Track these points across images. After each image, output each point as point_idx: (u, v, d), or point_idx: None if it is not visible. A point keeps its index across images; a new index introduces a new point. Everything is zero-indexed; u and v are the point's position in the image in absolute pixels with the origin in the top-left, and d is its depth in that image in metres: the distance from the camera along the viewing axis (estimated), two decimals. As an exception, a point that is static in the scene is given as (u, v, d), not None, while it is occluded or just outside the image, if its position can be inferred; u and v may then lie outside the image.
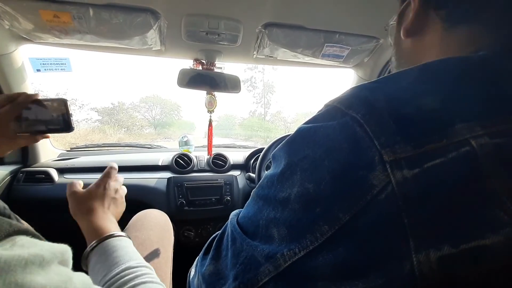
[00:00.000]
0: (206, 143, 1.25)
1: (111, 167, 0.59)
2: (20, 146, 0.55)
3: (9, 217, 0.22)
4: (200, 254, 0.38)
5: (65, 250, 0.23)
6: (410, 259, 0.19)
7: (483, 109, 0.21)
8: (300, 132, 0.27)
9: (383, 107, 0.22)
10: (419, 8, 0.31)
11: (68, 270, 0.23)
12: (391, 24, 0.42)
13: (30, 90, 0.95)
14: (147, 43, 0.84)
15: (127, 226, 0.80)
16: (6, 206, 0.24)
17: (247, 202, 0.32)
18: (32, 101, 0.52)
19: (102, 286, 0.41)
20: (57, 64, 0.93)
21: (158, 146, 1.54)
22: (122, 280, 0.41)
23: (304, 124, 0.28)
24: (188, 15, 0.76)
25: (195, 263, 0.41)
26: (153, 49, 0.89)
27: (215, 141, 1.25)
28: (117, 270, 0.42)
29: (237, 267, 0.28)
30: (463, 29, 0.29)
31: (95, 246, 0.46)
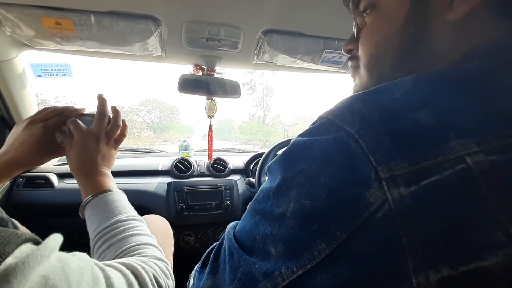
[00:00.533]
0: (205, 147, 1.25)
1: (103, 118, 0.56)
2: (61, 155, 0.58)
3: (7, 224, 0.23)
4: (197, 266, 0.38)
5: (60, 238, 0.24)
6: (410, 280, 0.19)
7: (477, 125, 0.21)
8: (296, 145, 0.27)
9: (377, 121, 0.22)
10: None
11: (66, 255, 0.24)
12: None
13: (31, 96, 0.95)
14: (148, 49, 0.85)
15: None
16: (4, 214, 0.24)
17: (244, 215, 0.32)
18: (78, 114, 0.57)
19: (94, 237, 0.45)
20: (58, 69, 0.94)
21: (157, 150, 1.54)
22: (111, 233, 0.43)
23: (299, 136, 0.28)
24: (189, 22, 0.76)
25: (193, 272, 0.40)
26: (154, 55, 0.90)
27: (215, 145, 1.25)
28: (107, 224, 0.45)
29: (234, 283, 0.28)
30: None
31: (89, 200, 0.49)
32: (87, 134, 0.54)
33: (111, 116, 0.59)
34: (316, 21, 0.79)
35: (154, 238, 0.47)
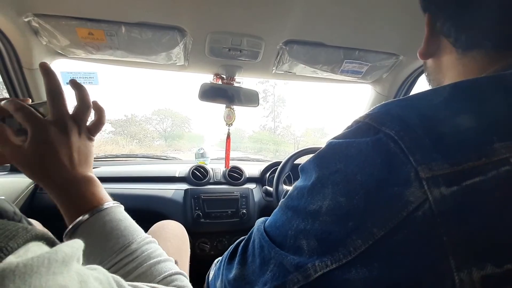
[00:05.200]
0: (217, 156, 1.26)
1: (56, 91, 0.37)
2: None
3: (20, 220, 0.21)
4: (223, 258, 0.39)
5: (80, 245, 0.20)
6: (452, 277, 0.19)
7: None
8: (332, 146, 0.28)
9: (417, 125, 0.23)
10: (429, 35, 0.34)
11: (84, 269, 0.20)
12: None
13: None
14: (172, 58, 0.88)
15: None
16: (17, 210, 0.21)
17: (275, 211, 0.33)
18: (17, 108, 0.35)
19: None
20: (85, 77, 0.98)
21: (173, 157, 1.57)
22: (123, 270, 0.33)
23: (334, 139, 0.28)
24: (213, 32, 0.79)
25: (214, 266, 0.42)
26: (177, 64, 0.93)
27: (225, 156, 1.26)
28: (114, 260, 0.33)
29: (266, 273, 0.29)
30: (477, 53, 0.30)
31: (78, 226, 0.35)
32: (46, 123, 0.36)
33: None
34: (337, 32, 0.80)
35: (172, 260, 0.37)
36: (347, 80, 1.04)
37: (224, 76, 1.04)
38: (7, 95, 0.90)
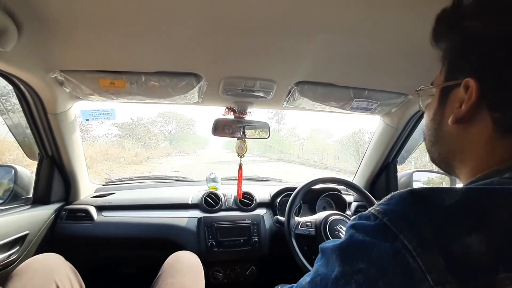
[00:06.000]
0: (223, 157, 1.27)
1: None
2: None
3: None
4: None
5: None
6: None
7: None
8: (353, 242, 0.30)
9: (432, 240, 0.25)
10: (474, 105, 0.31)
11: None
12: (422, 88, 0.41)
13: (79, 139, 1.04)
14: (187, 98, 0.91)
15: (161, 271, 0.84)
16: None
17: (302, 284, 0.35)
18: None
19: None
20: (104, 114, 1.03)
21: (184, 178, 1.60)
22: None
23: (354, 230, 0.31)
24: (227, 77, 0.82)
25: None
26: (191, 102, 0.96)
27: (231, 157, 1.28)
28: None
29: None
30: None
31: None
32: None
33: None
34: (347, 74, 0.83)
35: None
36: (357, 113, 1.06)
37: (236, 110, 1.07)
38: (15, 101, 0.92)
